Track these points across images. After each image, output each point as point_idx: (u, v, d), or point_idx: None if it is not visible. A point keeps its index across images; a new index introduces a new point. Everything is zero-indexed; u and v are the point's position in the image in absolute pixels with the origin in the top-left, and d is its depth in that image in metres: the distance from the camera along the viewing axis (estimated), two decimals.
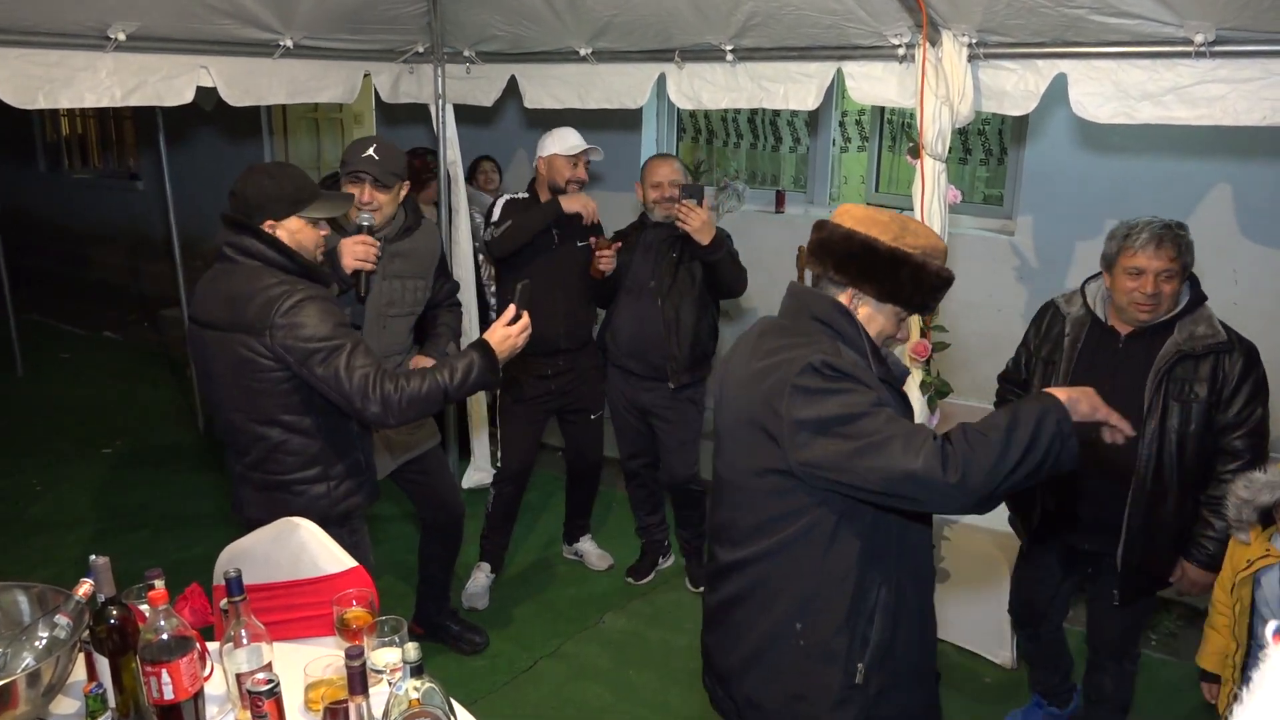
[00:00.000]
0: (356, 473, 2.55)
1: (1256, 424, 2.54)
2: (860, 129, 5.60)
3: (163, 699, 1.70)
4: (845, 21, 3.19)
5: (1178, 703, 3.37)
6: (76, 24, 3.08)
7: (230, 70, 3.57)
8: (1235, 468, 2.52)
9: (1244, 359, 2.53)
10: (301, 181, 2.45)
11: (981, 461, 1.59)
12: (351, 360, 2.29)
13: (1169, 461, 2.58)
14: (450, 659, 3.60)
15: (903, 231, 1.83)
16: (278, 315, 2.28)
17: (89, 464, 5.41)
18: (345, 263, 2.78)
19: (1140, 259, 2.52)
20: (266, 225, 2.38)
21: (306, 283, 2.38)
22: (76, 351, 7.64)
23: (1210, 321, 2.56)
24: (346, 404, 2.32)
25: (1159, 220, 2.56)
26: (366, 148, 2.98)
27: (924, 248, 1.83)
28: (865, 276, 1.84)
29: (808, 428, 1.70)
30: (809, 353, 1.74)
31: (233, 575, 1.78)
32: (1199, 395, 2.53)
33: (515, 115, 5.82)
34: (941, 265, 1.87)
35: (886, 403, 1.74)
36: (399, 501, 4.52)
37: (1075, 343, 2.72)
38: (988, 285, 4.88)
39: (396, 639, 1.86)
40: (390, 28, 4.06)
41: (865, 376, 1.75)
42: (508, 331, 2.48)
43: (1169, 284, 2.54)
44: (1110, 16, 2.76)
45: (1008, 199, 5.02)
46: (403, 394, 2.30)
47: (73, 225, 9.60)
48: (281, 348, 2.30)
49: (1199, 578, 2.65)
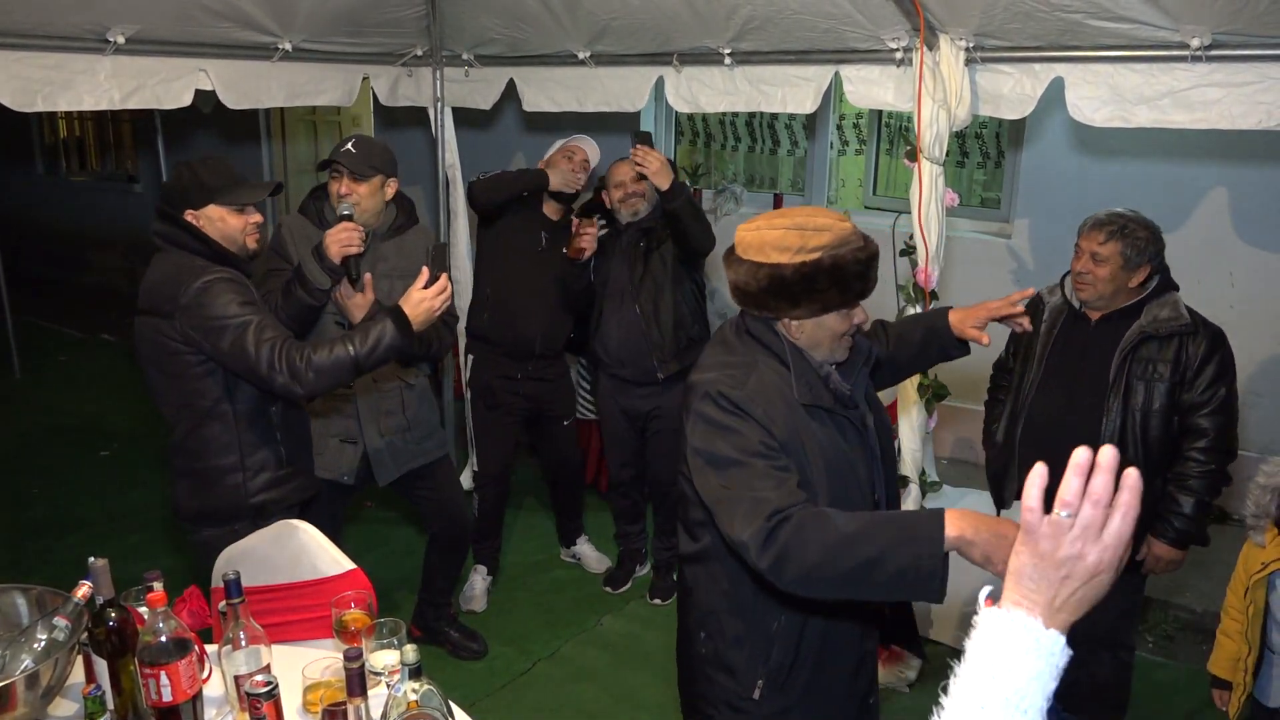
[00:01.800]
0: (275, 466, 2.56)
1: (1220, 403, 2.61)
2: (858, 132, 5.62)
3: (161, 701, 1.70)
4: (843, 25, 3.20)
5: (1174, 705, 3.37)
6: (75, 27, 3.09)
7: (228, 73, 3.58)
8: (1201, 445, 2.63)
9: (1208, 341, 2.62)
10: (220, 170, 2.50)
11: (805, 558, 1.52)
12: (259, 334, 2.33)
13: (1132, 438, 2.66)
14: (448, 661, 3.60)
15: (802, 240, 1.72)
16: (184, 298, 2.34)
17: (87, 466, 5.40)
18: (332, 252, 2.78)
19: (1082, 240, 2.70)
20: (188, 214, 2.44)
21: (221, 267, 2.42)
22: (74, 354, 7.63)
23: (1175, 306, 2.66)
24: (255, 377, 2.37)
25: (1118, 210, 2.69)
26: (346, 143, 2.99)
27: (828, 244, 1.72)
28: (788, 304, 1.76)
29: (700, 456, 1.74)
30: (718, 379, 1.75)
31: (231, 577, 1.78)
32: (1162, 375, 2.63)
33: (513, 118, 5.84)
34: (856, 246, 1.74)
35: (783, 438, 1.70)
36: (397, 505, 4.52)
37: (1051, 329, 2.85)
38: (985, 288, 4.86)
39: (395, 641, 1.86)
40: (389, 31, 4.07)
41: (764, 409, 1.71)
42: (424, 295, 2.46)
43: (1101, 267, 2.65)
44: (1107, 21, 2.77)
45: (1005, 202, 5.03)
46: (309, 363, 2.33)
47: (70, 228, 9.60)
48: (191, 329, 2.35)
49: (1165, 554, 2.71)
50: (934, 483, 3.43)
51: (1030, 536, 0.96)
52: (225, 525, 2.49)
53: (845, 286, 1.74)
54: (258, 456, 2.52)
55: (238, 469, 2.50)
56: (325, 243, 2.79)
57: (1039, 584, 0.95)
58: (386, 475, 3.23)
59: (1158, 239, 2.67)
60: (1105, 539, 0.94)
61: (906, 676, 3.46)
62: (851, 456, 1.85)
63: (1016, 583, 0.97)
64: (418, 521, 4.10)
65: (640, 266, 3.65)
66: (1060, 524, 0.94)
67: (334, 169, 2.98)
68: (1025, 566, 0.96)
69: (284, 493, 2.58)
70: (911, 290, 3.26)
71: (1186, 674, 3.51)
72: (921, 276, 3.21)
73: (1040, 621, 0.94)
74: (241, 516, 2.49)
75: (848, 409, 1.86)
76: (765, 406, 1.72)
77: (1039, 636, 0.94)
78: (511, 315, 3.76)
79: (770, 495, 1.60)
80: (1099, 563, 0.94)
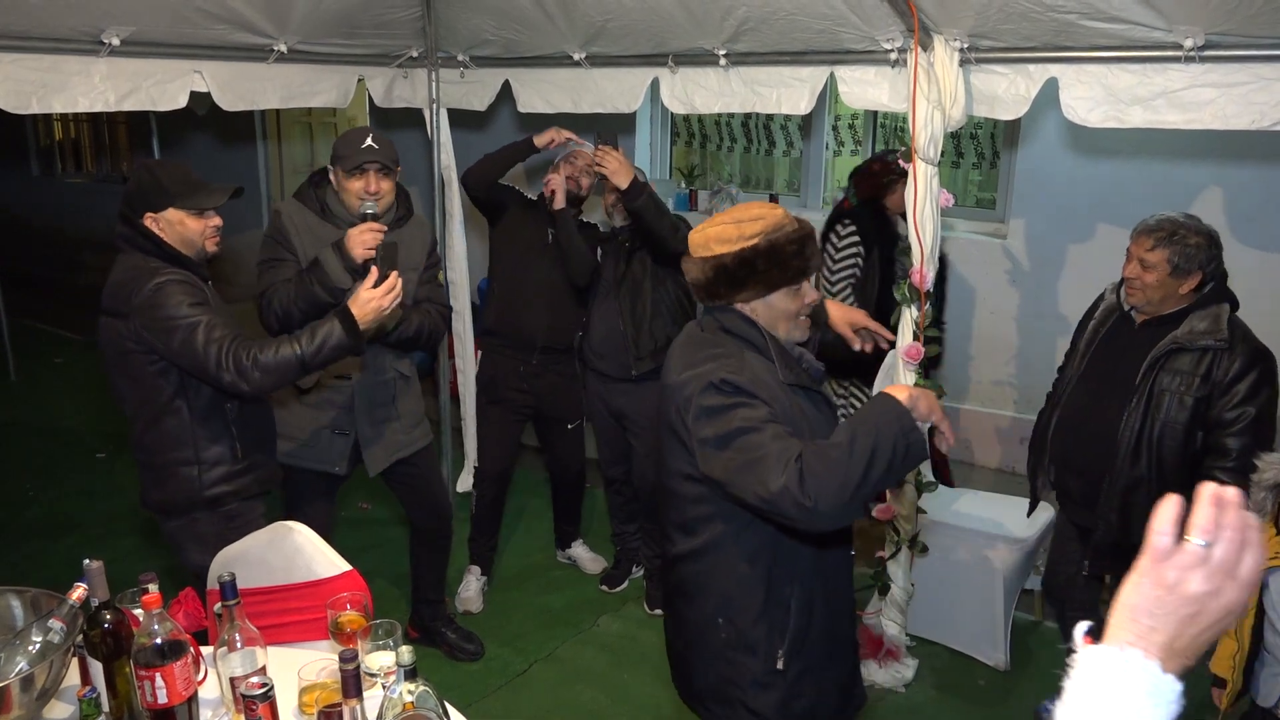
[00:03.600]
0: (230, 460, 2.60)
1: (1248, 424, 2.56)
2: (853, 133, 5.63)
3: (156, 703, 1.70)
4: (837, 26, 3.20)
5: None
6: (70, 29, 3.08)
7: (224, 74, 3.57)
8: (1224, 466, 2.57)
9: (1243, 359, 2.57)
10: (180, 175, 2.53)
11: (829, 483, 1.66)
12: (208, 334, 2.38)
13: (1148, 448, 2.64)
14: (445, 662, 3.60)
15: (739, 230, 1.92)
16: (137, 298, 2.40)
17: (82, 468, 5.40)
18: (356, 253, 2.80)
19: (1132, 245, 2.69)
20: (147, 217, 2.48)
21: (174, 268, 2.47)
22: (69, 356, 7.63)
23: (1216, 320, 2.61)
24: (204, 375, 2.42)
25: (1170, 215, 2.68)
26: (364, 138, 2.98)
27: (762, 230, 1.91)
28: (735, 289, 1.95)
29: (709, 444, 1.82)
30: (716, 368, 1.86)
31: (226, 579, 1.78)
32: (1190, 388, 2.58)
33: (509, 120, 5.83)
34: (789, 228, 1.93)
35: (783, 415, 1.83)
36: (393, 506, 4.52)
37: (1099, 328, 2.85)
38: (980, 288, 4.90)
39: (391, 642, 1.86)
40: (384, 32, 4.07)
41: (764, 391, 1.84)
42: (371, 294, 2.48)
43: (1149, 274, 2.63)
44: (1100, 21, 2.78)
45: (1000, 203, 5.05)
46: (255, 362, 2.38)
47: (66, 230, 9.58)
48: (144, 329, 2.41)
49: None
50: (929, 483, 3.43)
51: (1157, 566, 0.84)
52: (184, 516, 2.59)
53: (784, 265, 1.93)
54: (212, 451, 2.57)
55: (192, 462, 2.56)
56: (348, 243, 2.81)
57: (1161, 621, 0.84)
58: (377, 465, 3.24)
59: (1214, 245, 2.62)
60: (1241, 575, 0.83)
61: (903, 676, 3.46)
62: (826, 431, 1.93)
63: (1131, 619, 0.85)
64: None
65: (623, 265, 3.73)
66: (1197, 554, 0.83)
67: (361, 166, 2.96)
68: (1145, 601, 0.84)
69: (240, 485, 2.63)
70: (907, 291, 3.26)
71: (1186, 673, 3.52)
72: (916, 277, 3.22)
73: (1158, 664, 0.84)
74: (198, 508, 2.57)
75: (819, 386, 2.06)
76: (765, 391, 1.85)
77: (1157, 681, 0.83)
78: (517, 308, 3.77)
79: (789, 445, 1.72)
80: (1232, 602, 0.83)
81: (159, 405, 2.52)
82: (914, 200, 3.15)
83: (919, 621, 3.64)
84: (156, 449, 2.56)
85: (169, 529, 2.64)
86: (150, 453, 2.58)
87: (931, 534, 3.54)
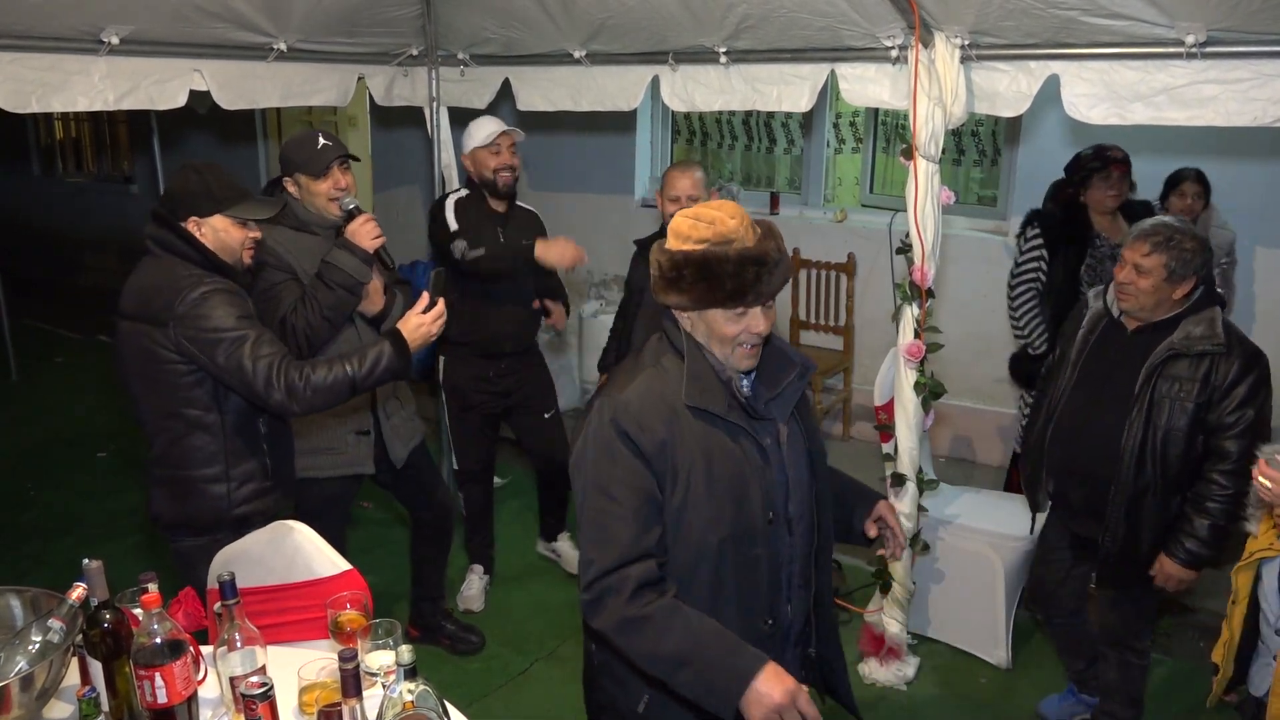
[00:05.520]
0: (260, 478, 2.53)
1: (1247, 426, 2.56)
2: (854, 130, 5.62)
3: (156, 703, 1.69)
4: (838, 23, 3.19)
5: (1172, 700, 3.38)
6: (70, 28, 3.08)
7: (223, 73, 3.57)
8: (1224, 469, 2.57)
9: (1240, 363, 2.56)
10: (229, 182, 2.46)
11: (628, 640, 1.71)
12: (256, 349, 2.30)
13: (1152, 455, 2.63)
14: (445, 662, 3.60)
15: (691, 229, 1.71)
16: (180, 307, 2.30)
17: (83, 468, 5.39)
18: (366, 244, 2.82)
19: (1126, 250, 2.65)
20: (190, 221, 2.39)
21: (217, 277, 2.39)
22: (70, 356, 7.62)
23: (1211, 324, 2.60)
24: (250, 393, 2.34)
25: (1165, 220, 2.66)
26: (317, 139, 2.94)
27: (708, 238, 1.69)
28: (664, 290, 1.76)
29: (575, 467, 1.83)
30: (618, 400, 1.75)
31: (226, 579, 1.78)
32: (1190, 394, 2.57)
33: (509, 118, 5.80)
34: (738, 246, 1.69)
35: (647, 475, 1.73)
36: (391, 506, 4.51)
37: (1088, 336, 2.82)
38: (981, 286, 4.89)
39: (390, 641, 1.86)
40: (384, 31, 4.07)
41: (634, 424, 1.72)
42: (421, 319, 2.48)
43: (1144, 279, 2.61)
44: (1102, 18, 2.77)
45: (1001, 200, 5.04)
46: (308, 382, 2.32)
47: (66, 229, 9.58)
48: (185, 339, 2.31)
49: (1174, 572, 2.68)
50: (931, 481, 3.43)
51: None
52: (207, 535, 2.46)
53: (714, 284, 1.70)
54: (243, 468, 2.49)
55: (223, 479, 2.46)
56: (356, 238, 2.81)
57: None
58: (401, 454, 3.26)
59: (1206, 250, 2.61)
60: None
61: (904, 675, 3.46)
62: (743, 467, 1.79)
63: None
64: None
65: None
66: None
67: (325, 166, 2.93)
68: None
69: (266, 504, 2.54)
70: (908, 288, 3.25)
71: (1183, 669, 3.52)
72: (918, 275, 3.21)
73: None
74: (224, 527, 2.45)
75: (752, 419, 1.81)
76: (639, 415, 1.73)
77: None
78: (480, 319, 3.71)
79: (616, 545, 1.70)
80: None
81: (189, 419, 2.41)
82: (915, 197, 3.15)
83: (920, 620, 3.63)
84: (181, 464, 2.45)
85: (183, 548, 2.52)
86: (173, 468, 2.46)
87: (933, 532, 3.53)
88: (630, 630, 1.65)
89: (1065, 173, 3.85)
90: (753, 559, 1.83)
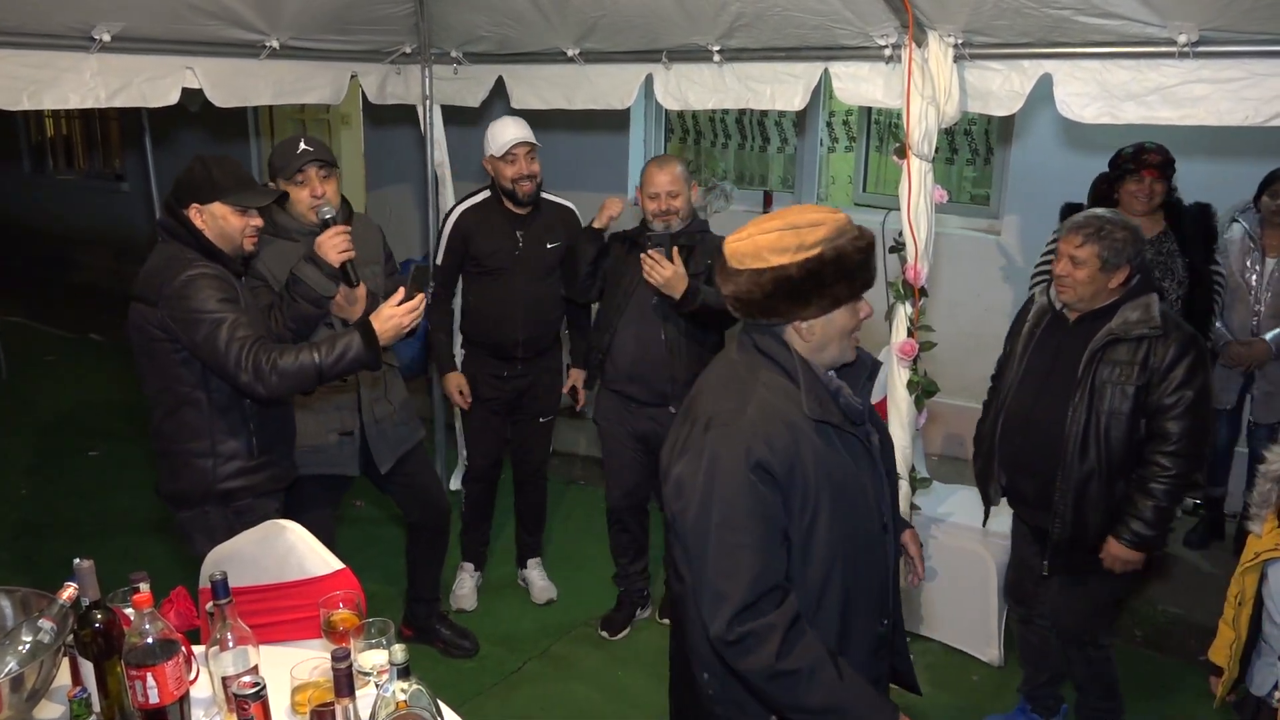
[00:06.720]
0: (245, 456, 2.60)
1: (1187, 407, 2.60)
2: (848, 129, 5.62)
3: (148, 703, 1.69)
4: (831, 22, 3.20)
5: (1163, 698, 3.39)
6: (61, 25, 3.06)
7: (216, 71, 3.56)
8: (1167, 450, 2.62)
9: (1177, 345, 2.60)
10: (232, 171, 2.56)
11: (760, 670, 1.67)
12: (231, 332, 2.39)
13: (1096, 440, 2.66)
14: (438, 661, 3.60)
15: (798, 239, 1.69)
16: (167, 288, 2.41)
17: (74, 467, 5.38)
18: (332, 258, 2.77)
19: (1061, 242, 2.70)
20: (193, 208, 2.50)
21: (209, 262, 2.49)
22: (61, 354, 7.59)
23: (1147, 309, 2.64)
24: (222, 373, 2.43)
25: (1097, 211, 2.71)
26: (297, 144, 2.92)
27: (826, 237, 1.69)
28: (797, 305, 1.73)
29: (687, 502, 1.75)
30: (745, 427, 1.70)
31: (218, 578, 1.78)
32: (1130, 378, 2.62)
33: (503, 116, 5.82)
34: (853, 235, 1.72)
35: (817, 468, 1.72)
36: (383, 504, 4.50)
37: (1033, 330, 2.87)
38: (974, 284, 4.90)
39: (384, 641, 1.86)
40: (377, 29, 4.05)
41: (764, 444, 1.69)
42: (394, 311, 2.49)
43: (1079, 270, 2.65)
44: (1094, 17, 2.78)
45: (994, 199, 5.04)
46: (274, 366, 2.38)
47: (57, 227, 9.53)
48: (170, 319, 2.42)
49: (1121, 554, 2.70)
50: (924, 479, 3.43)
51: None
52: (196, 507, 2.59)
53: (851, 277, 1.72)
54: (228, 445, 2.58)
55: (208, 454, 2.56)
56: (322, 251, 2.77)
57: None
58: (386, 461, 3.23)
59: (1138, 239, 2.65)
60: None
61: None
62: (861, 478, 1.81)
63: None
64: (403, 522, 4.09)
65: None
66: None
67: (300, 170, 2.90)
68: None
69: (254, 481, 2.62)
70: (901, 287, 3.26)
71: (1174, 667, 3.53)
72: (911, 273, 3.21)
73: None
74: (210, 500, 2.57)
75: (855, 426, 1.83)
76: (768, 438, 1.69)
77: None
78: (492, 321, 3.69)
79: (747, 576, 1.67)
80: None
81: (179, 394, 2.53)
82: (908, 196, 3.15)
83: (912, 618, 3.64)
84: (173, 438, 2.57)
85: (181, 519, 2.64)
86: (167, 441, 2.59)
87: (925, 530, 3.54)
88: (780, 682, 1.66)
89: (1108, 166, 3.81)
90: (872, 565, 1.85)
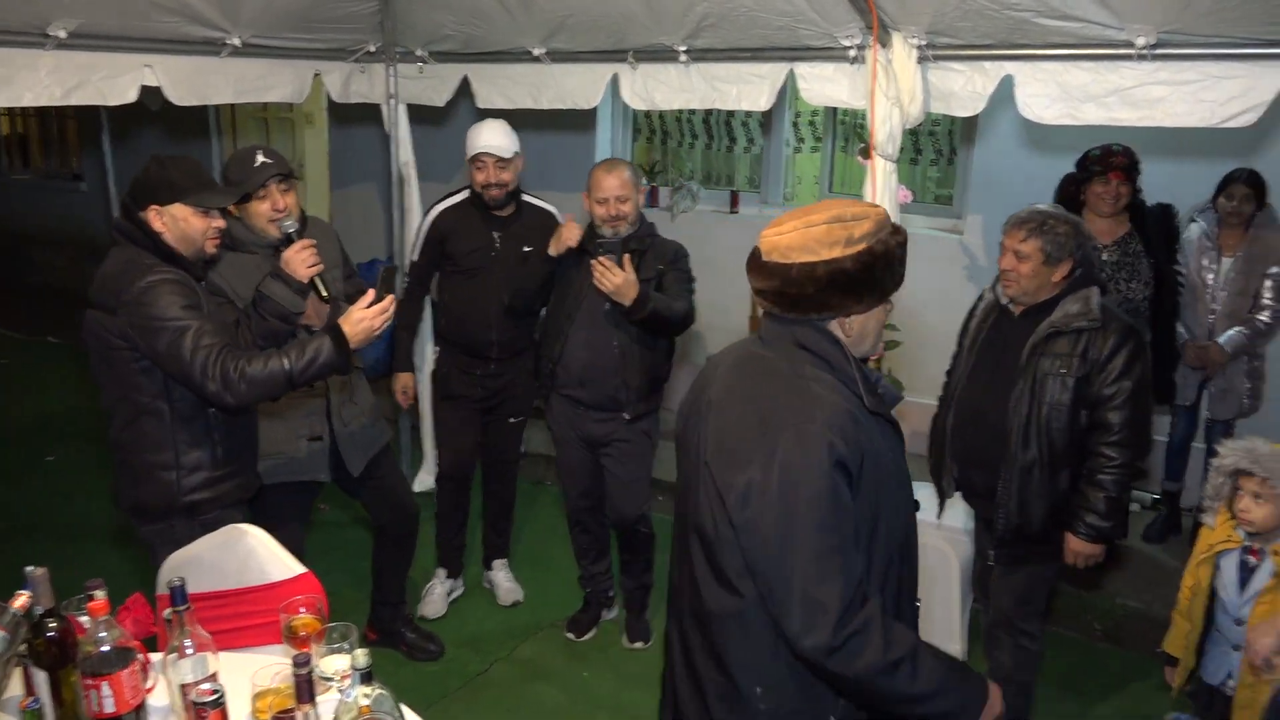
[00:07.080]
0: (210, 467, 2.52)
1: (1127, 397, 2.65)
2: (813, 130, 5.65)
3: (103, 713, 1.66)
4: (797, 23, 3.21)
5: (1123, 690, 3.44)
6: (15, 21, 3.00)
7: (175, 69, 3.50)
8: (1110, 440, 2.66)
9: (1115, 336, 2.65)
10: (190, 170, 2.46)
11: (865, 663, 1.62)
12: (196, 340, 2.31)
13: (1038, 431, 2.70)
14: (403, 664, 3.57)
15: (847, 231, 1.65)
16: (126, 294, 2.32)
17: (30, 472, 5.27)
18: (300, 274, 2.70)
19: (1005, 238, 2.76)
20: (151, 210, 2.41)
21: (169, 267, 2.40)
22: (18, 357, 7.44)
23: (1087, 302, 2.69)
24: (188, 382, 2.35)
25: (1040, 207, 2.76)
26: (255, 156, 2.85)
27: (871, 230, 1.67)
28: (852, 299, 1.69)
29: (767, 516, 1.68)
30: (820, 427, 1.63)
31: (176, 584, 1.75)
32: (1070, 369, 2.66)
33: (468, 115, 5.76)
34: (891, 229, 1.71)
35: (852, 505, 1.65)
36: (348, 507, 4.46)
37: (981, 326, 2.91)
38: (938, 284, 4.93)
39: (346, 645, 1.84)
40: (341, 27, 4.02)
41: (852, 457, 1.64)
42: (364, 314, 2.45)
43: (1023, 264, 2.70)
44: (1055, 19, 2.81)
45: (957, 199, 5.10)
46: (243, 374, 2.32)
47: (13, 227, 9.36)
48: (130, 327, 2.33)
49: (1081, 549, 2.74)
50: None
51: None
52: (161, 521, 2.49)
53: (895, 271, 1.72)
54: (192, 456, 2.49)
55: (172, 466, 2.47)
56: (290, 267, 2.70)
57: None
58: (357, 464, 3.19)
59: (1080, 233, 2.70)
60: None
61: None
62: (900, 465, 1.82)
63: None
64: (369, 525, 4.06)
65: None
66: None
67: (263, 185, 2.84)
68: None
69: (220, 491, 2.54)
70: None
71: (1134, 660, 3.58)
72: None
73: None
74: (175, 514, 2.48)
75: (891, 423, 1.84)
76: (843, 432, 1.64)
77: None
78: (468, 322, 3.66)
79: (844, 580, 1.62)
80: None
81: (139, 404, 2.44)
82: (873, 196, 3.17)
83: None
84: (134, 448, 2.48)
85: (145, 533, 2.54)
86: (128, 451, 2.49)
87: None
88: (891, 675, 1.64)
89: (1075, 168, 3.86)
90: (911, 549, 1.88)
